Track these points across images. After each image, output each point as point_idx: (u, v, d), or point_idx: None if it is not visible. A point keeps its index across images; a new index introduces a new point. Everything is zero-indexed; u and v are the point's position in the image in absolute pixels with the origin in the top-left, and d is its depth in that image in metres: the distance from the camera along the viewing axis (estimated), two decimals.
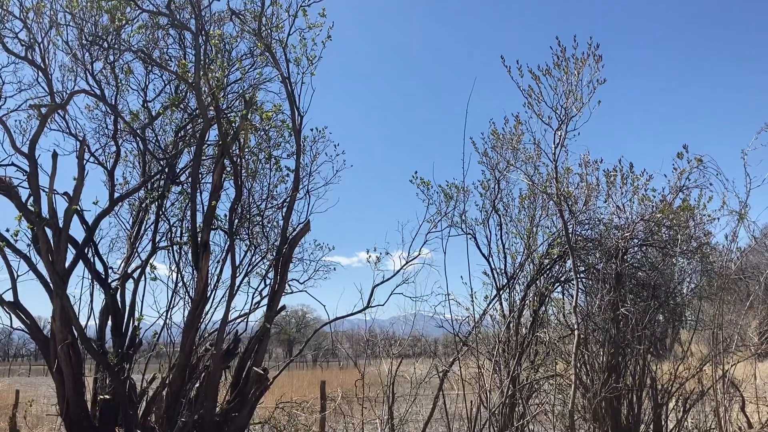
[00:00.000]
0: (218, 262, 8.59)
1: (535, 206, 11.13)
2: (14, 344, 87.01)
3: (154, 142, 9.04)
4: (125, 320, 8.29)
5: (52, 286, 7.36)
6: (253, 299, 8.85)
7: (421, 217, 9.98)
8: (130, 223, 9.14)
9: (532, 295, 10.89)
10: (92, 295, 8.33)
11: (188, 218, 8.31)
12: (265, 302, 8.62)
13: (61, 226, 7.49)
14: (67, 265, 7.60)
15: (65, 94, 8.15)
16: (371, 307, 9.18)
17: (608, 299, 9.84)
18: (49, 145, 8.56)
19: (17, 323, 7.63)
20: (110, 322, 8.23)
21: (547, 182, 10.58)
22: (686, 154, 9.85)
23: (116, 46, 8.27)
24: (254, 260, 9.08)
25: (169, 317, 8.60)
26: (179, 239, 8.83)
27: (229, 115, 8.59)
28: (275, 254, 8.62)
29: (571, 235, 10.09)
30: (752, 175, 9.40)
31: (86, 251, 8.07)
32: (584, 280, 10.63)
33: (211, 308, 8.36)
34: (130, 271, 8.54)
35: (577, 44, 9.57)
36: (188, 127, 9.10)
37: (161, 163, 8.86)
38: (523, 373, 10.35)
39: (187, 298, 8.50)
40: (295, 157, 8.64)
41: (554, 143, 10.09)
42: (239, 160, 8.45)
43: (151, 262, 8.55)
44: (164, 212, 8.89)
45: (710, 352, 9.84)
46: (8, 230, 7.43)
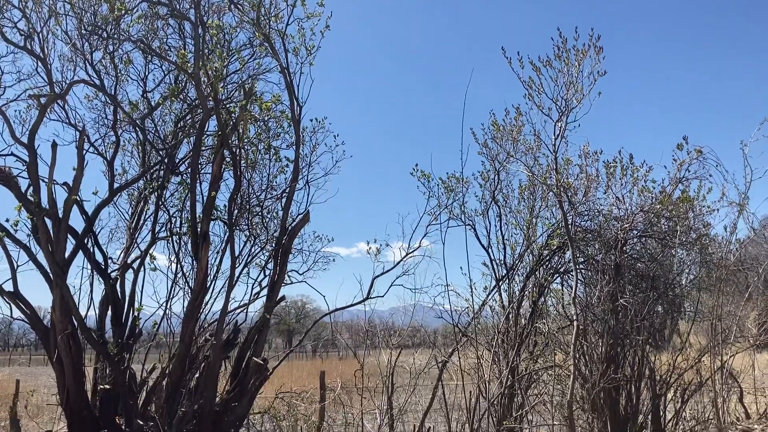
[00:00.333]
0: (218, 252, 8.61)
1: (534, 197, 11.13)
2: (14, 334, 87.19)
3: (153, 132, 9.02)
4: (125, 310, 8.30)
5: (51, 276, 7.37)
6: (252, 290, 8.87)
7: (421, 209, 9.98)
8: (129, 213, 9.14)
9: (531, 286, 10.90)
10: (92, 285, 8.35)
11: (188, 208, 8.31)
12: (264, 293, 8.63)
13: (60, 216, 7.49)
14: (66, 255, 7.60)
15: (64, 84, 8.13)
16: (371, 298, 9.20)
17: (607, 290, 9.85)
18: (48, 135, 8.59)
19: (17, 313, 7.65)
20: (110, 312, 8.24)
21: (546, 173, 10.57)
22: (686, 145, 9.84)
23: (116, 35, 8.24)
24: (254, 251, 9.09)
25: (168, 307, 8.62)
26: (179, 229, 8.84)
27: (228, 105, 8.57)
28: (275, 245, 8.62)
29: (570, 226, 10.10)
30: (753, 166, 9.40)
31: (86, 241, 8.07)
32: (583, 271, 10.64)
33: (210, 299, 8.38)
34: (129, 261, 8.54)
35: (578, 35, 9.54)
36: (188, 117, 9.08)
37: (161, 153, 8.85)
38: (522, 363, 10.38)
39: (186, 288, 8.52)
40: (294, 147, 8.64)
41: (554, 134, 10.08)
42: (238, 150, 8.44)
43: (150, 252, 8.56)
44: (164, 202, 8.89)
45: (709, 343, 9.86)
46: (8, 220, 7.43)
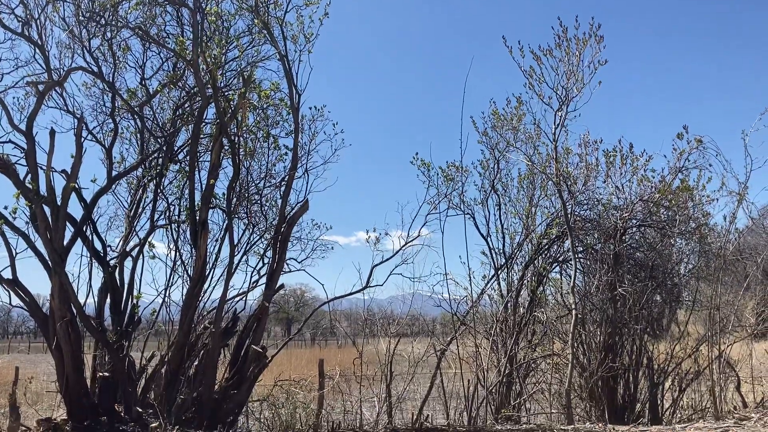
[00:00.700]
0: (217, 240, 8.61)
1: (534, 186, 11.13)
2: (13, 322, 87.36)
3: (152, 120, 8.99)
4: (124, 298, 8.31)
5: (50, 263, 7.37)
6: (251, 278, 8.87)
7: (420, 198, 9.96)
8: (128, 201, 9.13)
9: (530, 274, 10.92)
10: (91, 273, 8.34)
11: (186, 196, 8.31)
12: (263, 281, 8.63)
13: (59, 203, 7.48)
14: (65, 242, 7.60)
15: (62, 71, 8.09)
16: (370, 286, 9.20)
17: (606, 279, 9.87)
18: (46, 122, 8.53)
19: (16, 300, 7.66)
20: (109, 300, 8.25)
21: (546, 162, 10.58)
22: (686, 134, 9.84)
23: (113, 22, 8.20)
24: (252, 239, 9.09)
25: (167, 295, 8.63)
26: (177, 218, 8.83)
27: (227, 93, 8.54)
28: (273, 233, 8.62)
29: (569, 215, 10.10)
30: (753, 156, 9.37)
31: (84, 229, 8.07)
32: (582, 260, 10.65)
33: (209, 287, 8.38)
34: (128, 249, 8.54)
35: (578, 24, 9.54)
36: (186, 105, 9.05)
37: (159, 141, 8.82)
38: (520, 352, 10.42)
39: (185, 276, 8.53)
40: (293, 135, 8.62)
41: (554, 123, 10.08)
42: (237, 138, 8.42)
43: (149, 240, 8.56)
44: (162, 190, 8.87)
45: (707, 332, 9.88)
46: (6, 207, 7.42)
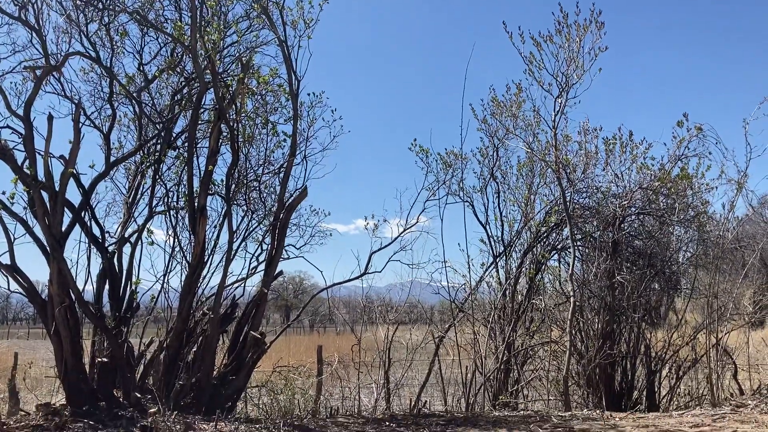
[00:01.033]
0: (215, 227, 8.60)
1: (533, 174, 11.14)
2: (13, 308, 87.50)
3: (150, 105, 8.94)
4: (123, 284, 8.29)
5: (48, 249, 7.35)
6: (250, 264, 8.87)
7: (419, 184, 9.98)
8: (126, 187, 9.09)
9: (528, 262, 10.95)
10: (89, 259, 8.31)
11: (185, 183, 8.27)
12: (262, 267, 8.63)
13: (57, 189, 7.45)
14: (63, 228, 7.57)
15: (60, 56, 8.03)
16: (368, 273, 9.20)
17: (604, 267, 9.89)
18: (44, 107, 8.50)
19: (14, 286, 7.64)
20: (107, 286, 8.23)
21: (546, 150, 10.57)
22: (686, 122, 9.84)
23: (111, 6, 8.13)
24: (251, 225, 9.08)
25: (166, 281, 8.62)
26: (176, 204, 8.81)
27: (225, 79, 8.49)
28: (272, 219, 8.61)
29: (568, 203, 10.11)
30: (753, 144, 9.38)
31: (83, 215, 8.04)
32: (581, 248, 10.66)
33: (208, 273, 8.37)
34: (127, 235, 8.51)
35: (579, 11, 9.50)
36: (184, 90, 8.99)
37: (157, 126, 8.78)
38: (518, 339, 10.46)
39: (184, 262, 8.51)
40: (291, 121, 8.59)
41: (554, 110, 10.06)
42: (236, 124, 8.39)
43: (148, 226, 8.53)
44: (161, 176, 8.84)
45: (704, 320, 9.92)
46: (4, 193, 7.37)
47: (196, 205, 7.92)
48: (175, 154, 8.92)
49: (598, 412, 8.62)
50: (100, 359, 7.76)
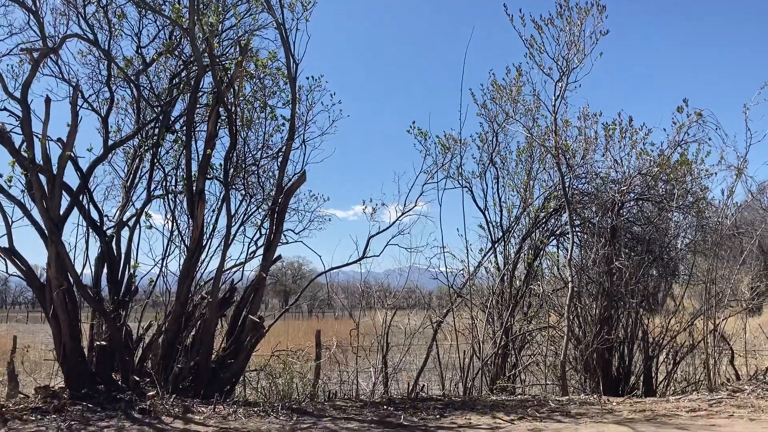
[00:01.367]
0: (213, 211, 8.60)
1: (532, 159, 11.12)
2: (11, 292, 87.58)
3: (148, 89, 8.89)
4: (121, 268, 8.29)
5: (47, 232, 7.34)
6: (248, 249, 8.87)
7: (417, 168, 9.96)
8: (124, 171, 9.07)
9: (527, 248, 10.95)
10: (87, 242, 8.31)
11: (183, 167, 8.25)
12: (260, 252, 8.63)
13: (55, 172, 7.42)
14: (61, 212, 7.56)
15: (57, 38, 7.97)
16: (367, 257, 9.21)
17: (603, 253, 9.90)
18: (41, 90, 8.42)
19: (13, 269, 7.64)
20: (106, 269, 8.23)
21: (545, 135, 10.55)
22: (686, 108, 9.81)
23: None
24: (250, 210, 9.07)
25: (164, 265, 8.63)
26: (174, 188, 8.79)
27: (223, 62, 8.44)
28: (271, 204, 8.59)
29: (567, 188, 10.10)
30: (753, 130, 9.34)
31: (81, 198, 8.02)
32: (579, 233, 10.66)
33: (206, 257, 8.39)
34: (125, 219, 8.49)
35: None
36: (183, 74, 8.94)
37: (156, 110, 8.74)
38: (516, 324, 10.48)
39: (182, 246, 8.51)
40: (290, 105, 8.55)
41: (554, 95, 10.04)
42: (234, 108, 8.35)
43: (146, 210, 8.52)
44: (159, 160, 8.81)
45: (702, 306, 9.93)
46: (1, 176, 7.35)
47: (194, 189, 7.91)
48: (173, 137, 8.89)
49: (595, 396, 8.66)
50: (98, 343, 7.77)
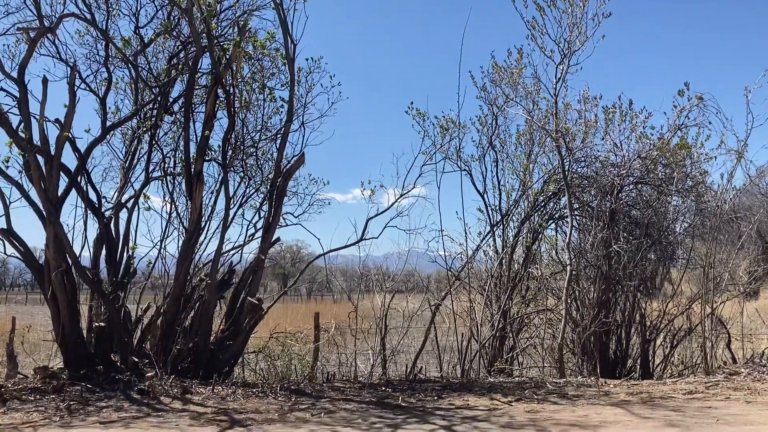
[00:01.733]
0: (212, 193, 8.58)
1: (532, 142, 11.07)
2: (10, 273, 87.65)
3: (146, 69, 8.83)
4: (119, 250, 8.28)
5: (45, 213, 7.32)
6: (247, 231, 8.87)
7: (416, 149, 9.93)
8: (123, 152, 9.03)
9: (525, 231, 10.94)
10: (86, 224, 8.30)
11: (182, 148, 8.22)
12: (259, 234, 8.63)
13: (53, 153, 7.40)
14: (60, 193, 7.54)
15: (54, 17, 7.90)
16: (365, 239, 9.20)
17: (601, 236, 9.89)
18: (39, 70, 8.38)
19: (11, 250, 7.64)
20: (104, 251, 8.23)
21: (545, 118, 10.51)
22: (687, 91, 9.76)
23: None
24: (248, 192, 9.04)
25: (163, 247, 8.63)
26: (173, 169, 8.76)
27: (222, 43, 8.38)
28: (269, 186, 8.57)
29: (567, 171, 10.07)
30: (755, 113, 9.31)
31: (79, 179, 8.00)
32: (578, 217, 10.66)
33: (205, 239, 8.38)
34: (123, 200, 8.48)
35: None
36: (181, 54, 8.87)
37: (154, 91, 8.69)
38: (514, 307, 10.50)
39: (181, 228, 8.50)
40: (288, 87, 8.50)
41: (555, 78, 9.97)
42: (232, 89, 8.30)
43: (144, 192, 8.50)
44: (157, 142, 8.77)
45: (700, 289, 9.95)
46: None
47: (192, 170, 7.89)
48: (171, 119, 8.85)
49: (592, 379, 8.71)
50: (97, 324, 7.78)
